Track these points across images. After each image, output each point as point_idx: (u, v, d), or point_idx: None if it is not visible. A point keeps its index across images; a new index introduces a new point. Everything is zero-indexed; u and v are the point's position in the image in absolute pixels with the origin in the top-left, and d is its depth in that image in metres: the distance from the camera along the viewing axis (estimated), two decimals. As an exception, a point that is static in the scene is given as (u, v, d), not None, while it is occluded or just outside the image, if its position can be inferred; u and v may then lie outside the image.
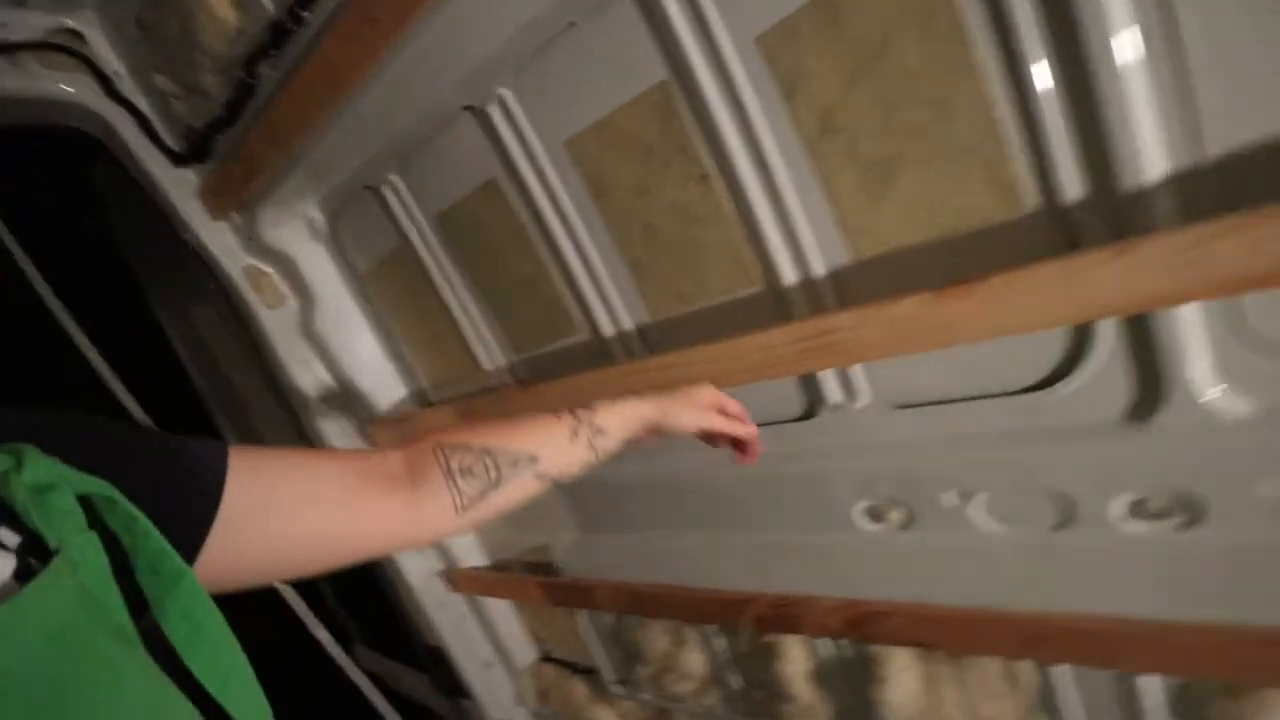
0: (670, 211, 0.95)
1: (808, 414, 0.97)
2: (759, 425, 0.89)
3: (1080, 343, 0.74)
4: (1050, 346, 0.76)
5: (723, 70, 0.81)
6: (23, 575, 0.28)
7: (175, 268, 1.89)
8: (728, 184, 0.88)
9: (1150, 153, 0.63)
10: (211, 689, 0.33)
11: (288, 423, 1.64)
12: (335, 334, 1.49)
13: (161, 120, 1.38)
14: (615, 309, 1.08)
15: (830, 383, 0.92)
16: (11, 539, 0.29)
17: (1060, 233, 0.71)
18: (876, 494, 0.94)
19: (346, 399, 1.55)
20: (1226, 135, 0.60)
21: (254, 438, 2.17)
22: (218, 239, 1.45)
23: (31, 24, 1.24)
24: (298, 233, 1.45)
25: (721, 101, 0.83)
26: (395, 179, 1.23)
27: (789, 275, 0.88)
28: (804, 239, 0.85)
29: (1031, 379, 0.79)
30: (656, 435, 0.81)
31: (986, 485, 0.85)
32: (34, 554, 0.29)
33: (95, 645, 0.28)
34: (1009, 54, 0.66)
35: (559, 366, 1.23)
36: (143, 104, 1.37)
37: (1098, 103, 0.63)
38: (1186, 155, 0.62)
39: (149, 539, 0.34)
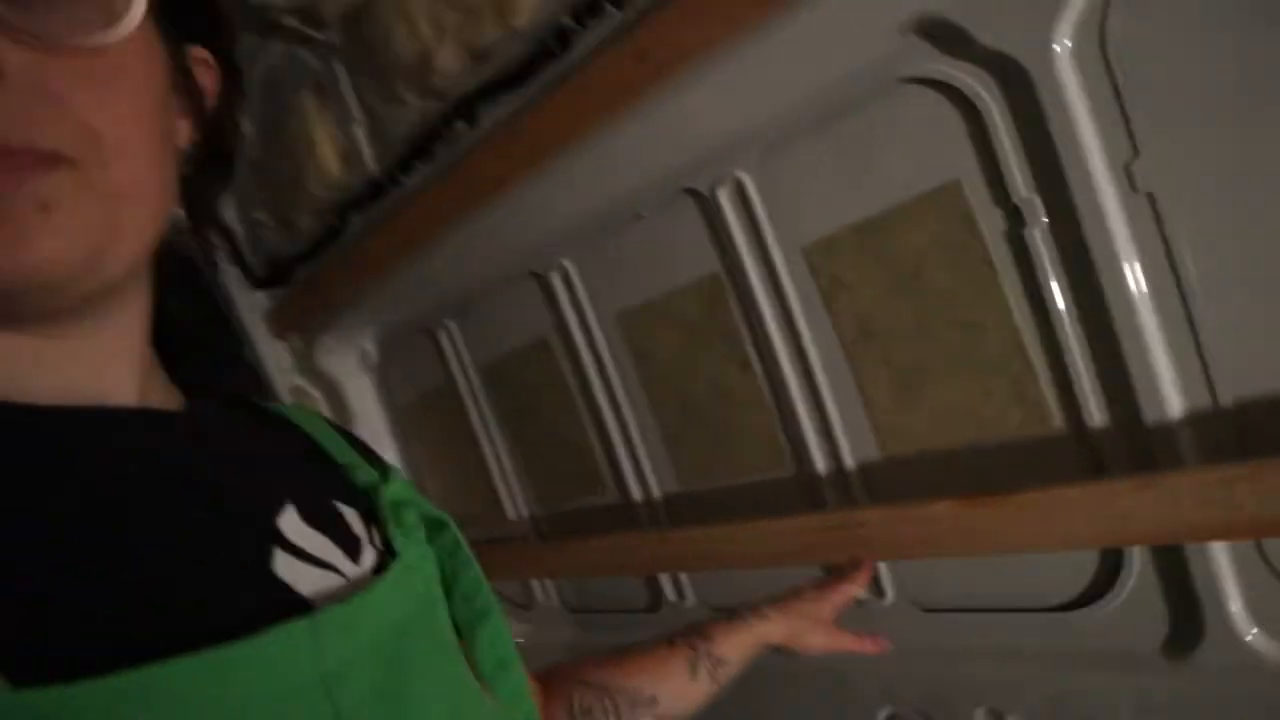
0: (709, 390, 1.01)
1: (831, 605, 0.95)
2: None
3: (1114, 567, 0.74)
4: (1083, 567, 0.76)
5: (771, 273, 0.90)
6: (379, 570, 0.33)
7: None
8: (766, 372, 0.94)
9: (1167, 392, 0.68)
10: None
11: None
12: (363, 462, 1.52)
13: (250, 246, 1.52)
14: (646, 475, 1.11)
15: (856, 575, 0.91)
16: (378, 538, 0.35)
17: (1085, 455, 0.74)
18: (901, 702, 0.90)
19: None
20: (1237, 385, 0.65)
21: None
22: (273, 355, 1.53)
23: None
24: (349, 361, 1.52)
25: (767, 299, 0.91)
26: (452, 325, 1.32)
27: (820, 464, 0.91)
28: (837, 431, 0.89)
29: (1064, 597, 0.78)
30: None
31: (1019, 706, 0.81)
32: (389, 554, 0.34)
33: (426, 636, 0.33)
34: (1032, 286, 0.74)
35: (582, 524, 1.23)
36: (238, 230, 1.51)
37: (1115, 337, 0.69)
38: (1200, 399, 0.67)
39: (469, 568, 0.38)
